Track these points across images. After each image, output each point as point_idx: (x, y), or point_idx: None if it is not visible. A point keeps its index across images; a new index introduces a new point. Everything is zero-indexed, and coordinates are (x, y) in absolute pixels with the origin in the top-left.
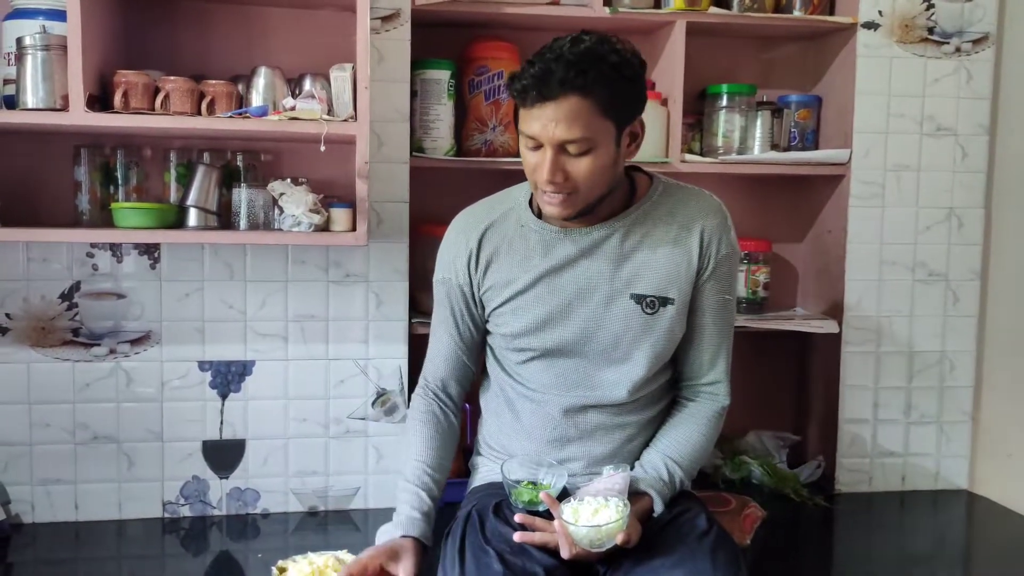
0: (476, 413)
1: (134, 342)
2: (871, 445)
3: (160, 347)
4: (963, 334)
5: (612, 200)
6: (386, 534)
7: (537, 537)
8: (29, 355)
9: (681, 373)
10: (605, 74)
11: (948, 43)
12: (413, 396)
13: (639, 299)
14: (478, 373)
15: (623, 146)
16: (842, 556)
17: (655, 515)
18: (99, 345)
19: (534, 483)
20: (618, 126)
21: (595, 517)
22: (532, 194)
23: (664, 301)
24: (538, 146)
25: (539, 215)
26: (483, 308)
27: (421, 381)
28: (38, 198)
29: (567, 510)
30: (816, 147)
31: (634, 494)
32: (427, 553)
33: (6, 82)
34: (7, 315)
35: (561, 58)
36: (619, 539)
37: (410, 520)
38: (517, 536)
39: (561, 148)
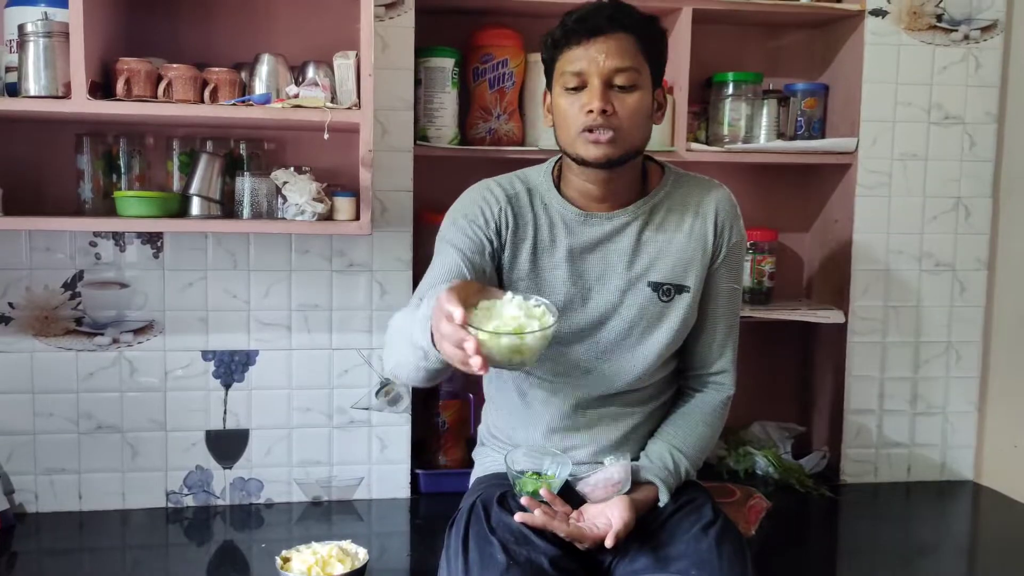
0: (480, 402)
1: (137, 331)
2: (877, 436)
3: (163, 336)
4: (970, 324)
5: (630, 186)
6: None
7: (538, 519)
8: (32, 344)
9: (688, 362)
10: (644, 20)
11: (956, 31)
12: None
13: (656, 287)
14: None
15: (654, 106)
16: (847, 547)
17: (660, 505)
18: (102, 334)
19: (538, 473)
20: (653, 77)
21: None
22: (552, 175)
23: (680, 288)
24: (580, 87)
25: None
26: (497, 271)
27: (409, 304)
28: (41, 186)
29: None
30: (823, 136)
31: (639, 483)
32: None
33: (8, 70)
34: (10, 304)
35: (602, 4)
36: (608, 542)
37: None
38: (517, 516)
39: (608, 83)
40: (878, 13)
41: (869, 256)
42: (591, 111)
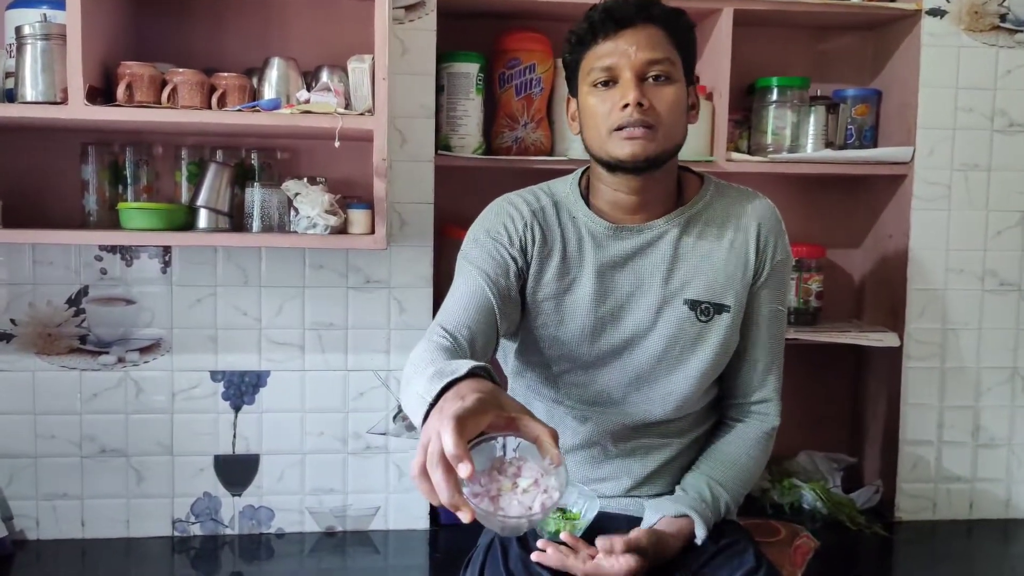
0: None
1: (144, 350)
2: (935, 469)
3: (171, 356)
4: None
5: (665, 195)
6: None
7: (554, 559)
8: (34, 363)
9: (728, 390)
10: (672, 11)
11: (1021, 31)
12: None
13: (693, 305)
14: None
15: (688, 102)
16: None
17: (698, 542)
18: (107, 353)
19: (563, 510)
20: (686, 72)
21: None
22: (580, 187)
23: (719, 308)
24: (610, 83)
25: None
26: (520, 294)
27: (428, 333)
28: (44, 198)
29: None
30: (875, 145)
31: (674, 516)
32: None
33: (8, 75)
34: (12, 321)
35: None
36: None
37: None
38: (533, 556)
39: (642, 76)
40: (936, 13)
41: (926, 274)
42: (625, 106)
